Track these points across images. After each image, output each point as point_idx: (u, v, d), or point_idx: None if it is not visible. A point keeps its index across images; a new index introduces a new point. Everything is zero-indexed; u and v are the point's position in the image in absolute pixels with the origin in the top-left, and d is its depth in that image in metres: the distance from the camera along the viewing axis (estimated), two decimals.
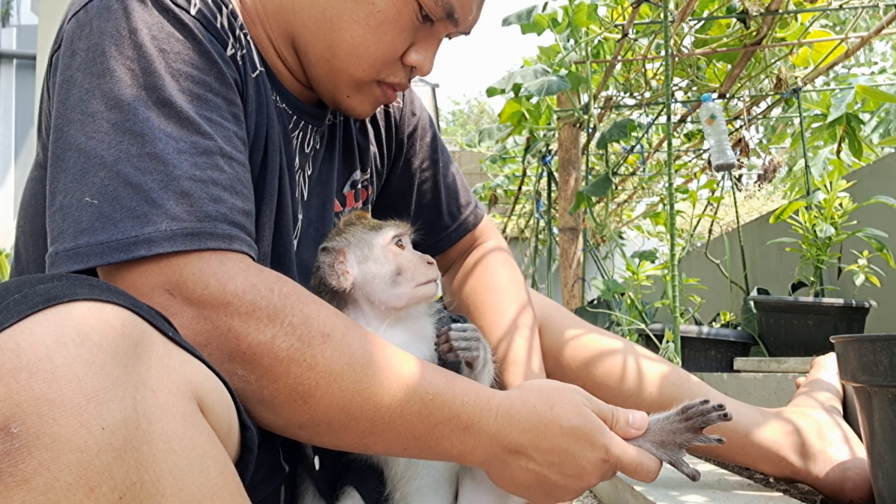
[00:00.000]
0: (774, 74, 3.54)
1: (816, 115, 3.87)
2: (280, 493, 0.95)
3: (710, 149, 2.83)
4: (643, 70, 3.85)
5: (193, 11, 0.83)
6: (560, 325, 1.28)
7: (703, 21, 3.33)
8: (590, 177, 4.42)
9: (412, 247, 1.00)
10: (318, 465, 0.91)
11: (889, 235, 2.50)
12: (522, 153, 5.27)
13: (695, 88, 3.91)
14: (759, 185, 8.49)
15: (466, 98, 32.33)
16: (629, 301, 3.29)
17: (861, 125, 3.54)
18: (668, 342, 2.42)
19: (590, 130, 4.26)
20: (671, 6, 2.85)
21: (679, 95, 4.04)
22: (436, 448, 0.81)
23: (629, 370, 1.24)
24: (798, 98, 3.52)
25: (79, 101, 0.78)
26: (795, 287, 2.87)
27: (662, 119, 4.27)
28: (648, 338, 2.86)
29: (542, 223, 5.85)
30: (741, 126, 3.95)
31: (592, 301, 3.91)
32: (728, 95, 3.69)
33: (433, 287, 0.96)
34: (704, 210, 4.34)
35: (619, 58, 3.63)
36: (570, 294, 4.26)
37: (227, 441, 0.70)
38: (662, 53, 3.22)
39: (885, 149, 3.93)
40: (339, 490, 0.92)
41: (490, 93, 3.78)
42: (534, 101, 4.30)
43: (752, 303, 2.84)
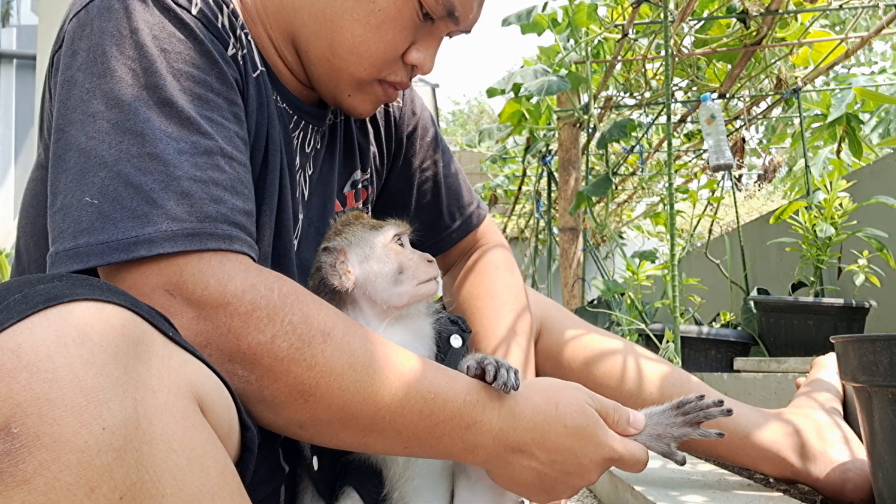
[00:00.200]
0: (774, 74, 3.54)
1: (816, 115, 3.87)
2: (280, 493, 0.95)
3: (709, 149, 2.83)
4: (643, 70, 3.85)
5: (195, 11, 0.83)
6: (560, 326, 1.28)
7: (703, 21, 3.34)
8: (590, 177, 4.42)
9: (411, 246, 1.00)
10: (317, 466, 0.91)
11: (889, 235, 2.50)
12: (522, 153, 5.27)
13: (695, 88, 3.91)
14: (759, 185, 8.49)
15: (466, 98, 32.33)
16: (629, 301, 3.29)
17: (861, 125, 3.55)
18: (668, 342, 2.42)
19: (590, 130, 4.26)
20: (671, 6, 2.85)
21: (679, 95, 4.04)
22: (437, 447, 0.81)
23: (629, 370, 1.24)
24: (798, 98, 3.52)
25: (80, 101, 0.78)
26: (795, 287, 2.87)
27: (662, 119, 4.27)
28: (648, 338, 2.86)
29: (542, 223, 5.86)
30: (741, 126, 3.95)
31: (592, 301, 3.92)
32: (728, 95, 3.69)
33: (434, 285, 0.96)
34: (704, 210, 4.33)
35: (619, 58, 3.63)
36: (570, 294, 4.26)
37: (228, 441, 0.70)
38: (662, 53, 3.22)
39: (885, 149, 3.93)
40: (338, 490, 0.92)
41: (490, 93, 3.78)
42: (534, 101, 4.30)
43: (752, 303, 2.84)
